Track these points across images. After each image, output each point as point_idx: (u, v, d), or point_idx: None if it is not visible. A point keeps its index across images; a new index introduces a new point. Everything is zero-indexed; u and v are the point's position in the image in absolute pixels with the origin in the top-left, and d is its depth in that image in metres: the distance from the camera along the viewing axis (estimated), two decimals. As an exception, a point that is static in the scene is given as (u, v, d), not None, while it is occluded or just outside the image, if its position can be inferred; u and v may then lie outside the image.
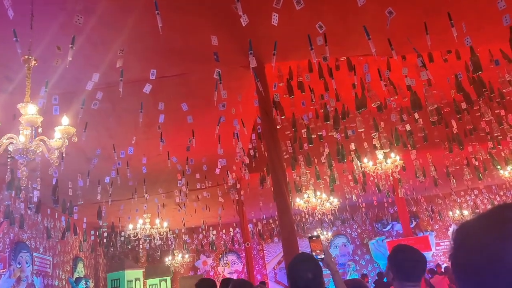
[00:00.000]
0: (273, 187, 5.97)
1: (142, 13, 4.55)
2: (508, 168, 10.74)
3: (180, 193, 9.59)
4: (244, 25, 3.71)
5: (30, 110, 3.58)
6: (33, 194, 7.06)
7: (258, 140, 7.98)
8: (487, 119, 7.10)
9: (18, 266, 9.97)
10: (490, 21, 5.55)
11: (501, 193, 16.84)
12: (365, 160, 8.37)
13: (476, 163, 9.82)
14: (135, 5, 4.47)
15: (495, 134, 7.90)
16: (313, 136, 7.37)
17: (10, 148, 3.56)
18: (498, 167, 10.23)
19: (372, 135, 7.63)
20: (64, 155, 6.20)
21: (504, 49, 6.38)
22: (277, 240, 17.35)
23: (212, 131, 6.52)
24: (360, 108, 6.00)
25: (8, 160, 3.89)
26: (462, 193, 16.75)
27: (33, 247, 10.87)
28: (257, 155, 8.40)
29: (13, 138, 3.56)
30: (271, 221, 15.88)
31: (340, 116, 6.87)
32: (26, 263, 10.36)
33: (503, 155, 10.23)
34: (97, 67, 5.14)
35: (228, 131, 7.15)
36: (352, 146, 8.12)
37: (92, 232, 13.39)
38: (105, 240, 13.76)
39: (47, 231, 11.20)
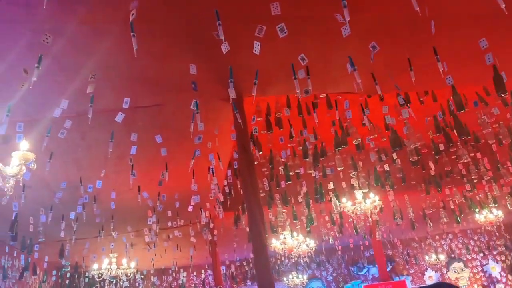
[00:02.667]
0: (249, 227, 5.66)
1: (116, 38, 4.35)
2: (484, 212, 10.72)
3: (150, 232, 9.10)
4: (224, 52, 3.54)
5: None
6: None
7: (234, 176, 7.71)
8: (464, 161, 7.08)
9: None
10: (466, 63, 5.61)
11: (475, 237, 16.87)
12: (344, 200, 8.18)
13: (453, 206, 9.77)
14: (109, 30, 4.28)
15: (472, 177, 7.90)
16: (290, 173, 7.16)
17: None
18: (476, 210, 10.21)
19: (351, 174, 7.48)
20: (23, 185, 5.76)
21: (479, 91, 6.47)
22: (250, 284, 16.69)
23: (186, 165, 6.23)
24: (340, 146, 5.85)
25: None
26: (437, 237, 16.69)
27: (-14, 288, 10.02)
28: (232, 193, 8.10)
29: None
30: (244, 263, 15.31)
31: (319, 154, 6.71)
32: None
33: (478, 198, 10.24)
34: (66, 93, 4.85)
35: (203, 166, 6.87)
36: (331, 185, 7.94)
37: (54, 273, 12.53)
38: (67, 281, 12.89)
39: (3, 271, 10.37)
